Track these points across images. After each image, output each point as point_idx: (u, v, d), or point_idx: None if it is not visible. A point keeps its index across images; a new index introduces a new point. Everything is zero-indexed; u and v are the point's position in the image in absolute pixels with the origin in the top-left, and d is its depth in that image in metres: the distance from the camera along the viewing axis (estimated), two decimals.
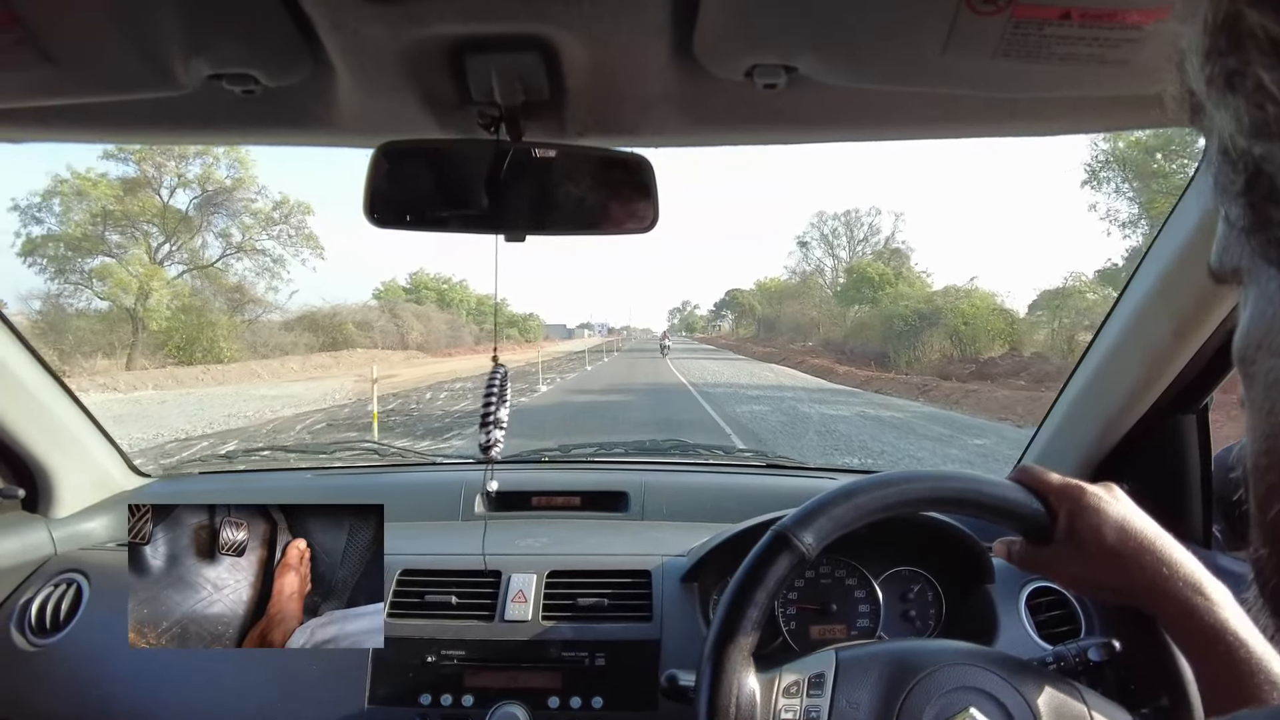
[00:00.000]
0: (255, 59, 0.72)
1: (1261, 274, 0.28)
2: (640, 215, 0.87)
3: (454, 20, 0.67)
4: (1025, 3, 0.59)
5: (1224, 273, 0.31)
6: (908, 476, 0.72)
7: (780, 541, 0.69)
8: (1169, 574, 0.63)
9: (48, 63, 0.66)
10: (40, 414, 1.27)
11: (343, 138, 0.90)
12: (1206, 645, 0.60)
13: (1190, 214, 1.00)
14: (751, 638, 0.69)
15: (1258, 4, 0.23)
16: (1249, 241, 0.27)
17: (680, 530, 1.35)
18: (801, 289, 50.47)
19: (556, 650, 1.08)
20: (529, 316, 69.28)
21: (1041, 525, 0.70)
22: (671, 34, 0.69)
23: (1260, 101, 0.23)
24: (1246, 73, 0.24)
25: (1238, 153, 0.25)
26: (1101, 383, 1.20)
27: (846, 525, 0.70)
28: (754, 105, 0.81)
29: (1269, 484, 0.29)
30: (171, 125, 0.88)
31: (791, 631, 1.17)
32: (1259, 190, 0.25)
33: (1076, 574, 0.70)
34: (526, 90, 0.76)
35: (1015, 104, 0.80)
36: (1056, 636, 1.12)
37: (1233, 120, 0.25)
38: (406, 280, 52.39)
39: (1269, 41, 0.23)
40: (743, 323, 74.99)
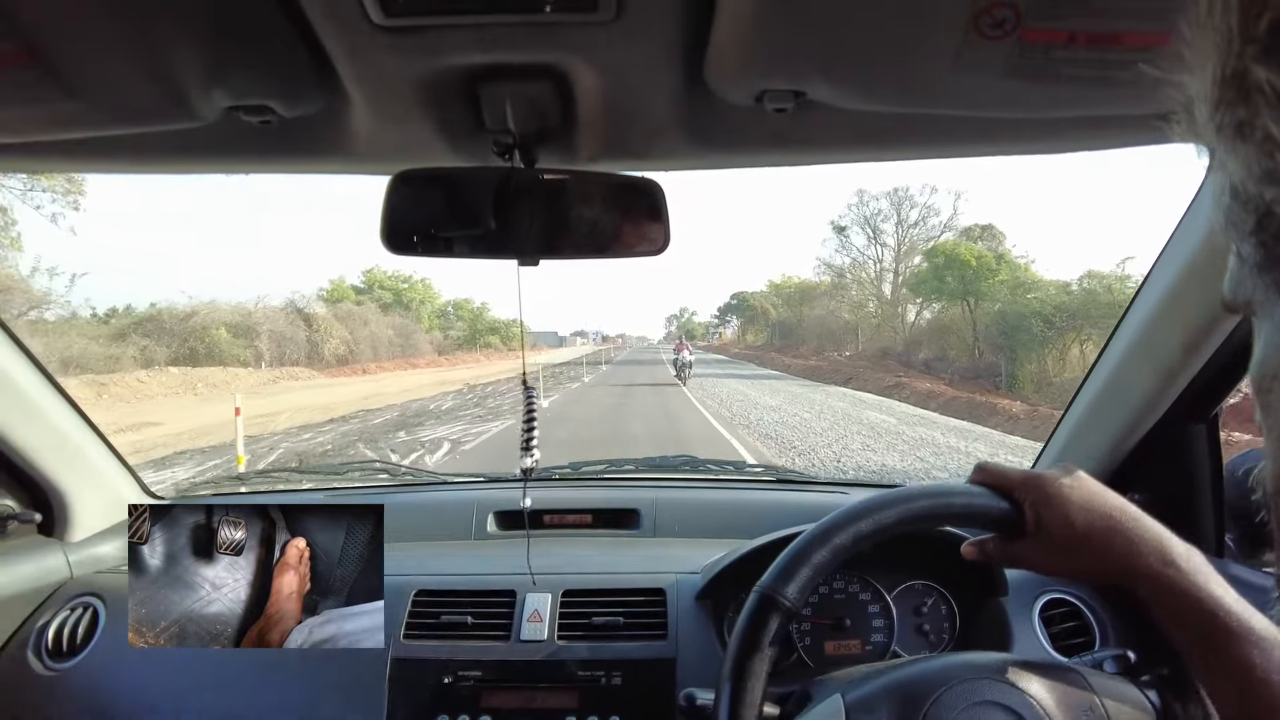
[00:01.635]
0: (272, 90, 0.73)
1: (1275, 307, 0.29)
2: (651, 238, 0.88)
3: (468, 50, 0.68)
4: (1032, 26, 0.60)
5: (1237, 305, 0.32)
6: (879, 503, 0.72)
7: (766, 603, 0.70)
8: (1138, 550, 0.64)
9: (70, 98, 0.67)
10: (55, 437, 1.27)
11: (359, 166, 0.92)
12: (1183, 614, 0.60)
13: (1196, 226, 1.00)
14: (760, 692, 0.69)
15: (1264, 60, 0.24)
16: (1261, 277, 0.28)
17: (693, 547, 1.35)
18: (836, 286, 42.66)
19: (573, 669, 1.08)
20: (513, 322, 60.49)
21: (1011, 522, 0.71)
22: (683, 62, 0.70)
23: (1270, 150, 0.24)
24: (1255, 124, 0.25)
25: (1248, 195, 0.27)
26: (1111, 394, 1.20)
27: (826, 568, 0.71)
28: (764, 129, 0.82)
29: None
30: (190, 155, 0.89)
31: (806, 648, 1.17)
32: (1269, 229, 0.26)
33: (1052, 564, 0.70)
34: (540, 118, 0.77)
35: (1023, 123, 0.81)
36: (1071, 648, 1.12)
37: (1243, 167, 0.26)
38: (361, 278, 46.67)
39: (1276, 95, 0.24)
40: (752, 328, 69.37)
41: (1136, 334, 1.13)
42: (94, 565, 1.33)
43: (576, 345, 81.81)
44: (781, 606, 0.69)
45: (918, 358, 25.53)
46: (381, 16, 0.61)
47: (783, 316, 55.69)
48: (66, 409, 1.30)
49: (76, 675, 1.15)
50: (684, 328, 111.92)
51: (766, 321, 61.30)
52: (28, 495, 1.30)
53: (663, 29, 0.65)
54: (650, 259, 0.91)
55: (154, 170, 0.94)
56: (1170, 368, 1.09)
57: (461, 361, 39.76)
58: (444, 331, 48.23)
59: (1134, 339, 1.13)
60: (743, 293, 75.68)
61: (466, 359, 42.61)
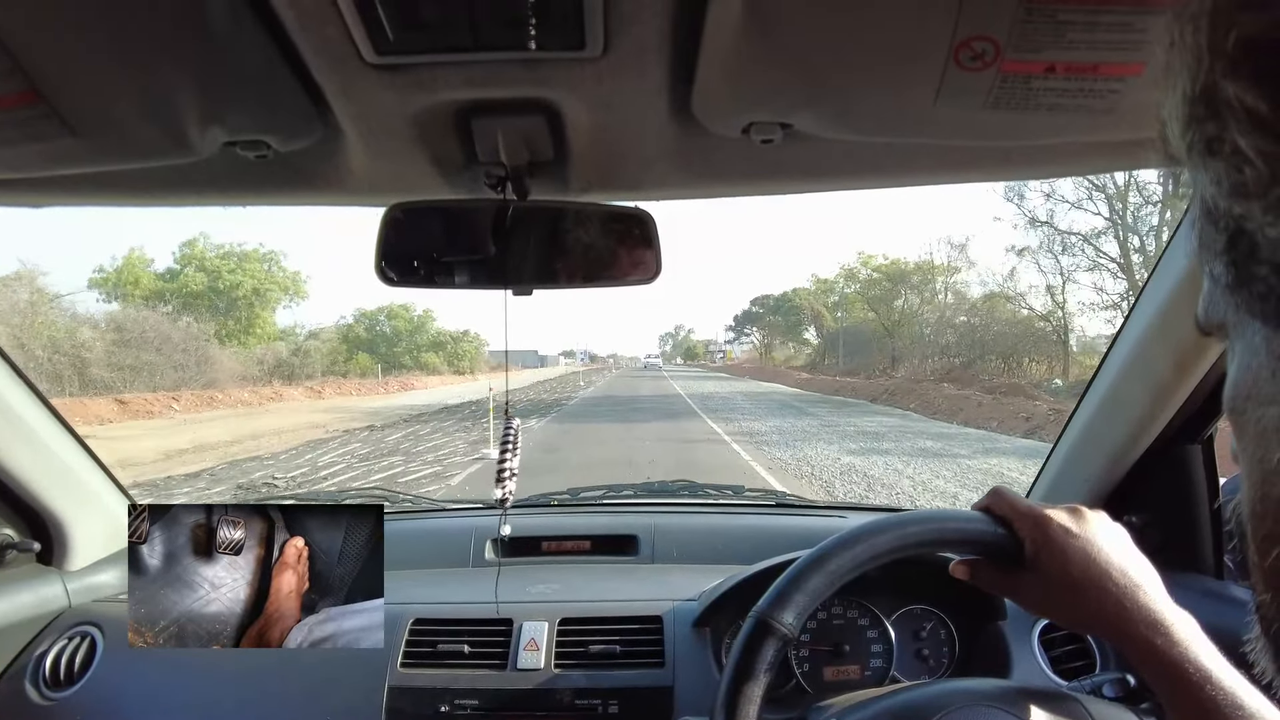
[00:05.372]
0: (268, 126, 0.75)
1: (1246, 328, 0.29)
2: (644, 266, 0.89)
3: (460, 86, 0.69)
4: (1011, 58, 0.61)
5: (1210, 326, 0.32)
6: (876, 528, 0.72)
7: (762, 629, 0.69)
8: (1129, 613, 0.62)
9: (70, 135, 0.68)
10: (54, 466, 1.28)
11: (353, 198, 0.93)
12: (1171, 682, 0.59)
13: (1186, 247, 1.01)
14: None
15: (1232, 76, 0.24)
16: (1233, 298, 0.29)
17: (691, 573, 1.35)
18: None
19: (569, 698, 1.08)
20: (463, 335, 47.88)
21: (1006, 552, 0.70)
22: (670, 96, 0.72)
23: (1238, 164, 0.25)
24: (1224, 138, 0.25)
25: (1219, 213, 0.27)
26: (1106, 416, 1.20)
27: (822, 594, 0.71)
28: (751, 160, 0.83)
29: (1265, 530, 0.30)
30: (187, 189, 0.91)
31: (805, 674, 1.16)
32: (1240, 248, 0.27)
33: (1040, 602, 0.69)
34: (531, 151, 0.78)
35: (1008, 151, 0.82)
36: (1071, 672, 1.11)
37: (1213, 183, 0.27)
38: (176, 256, 32.75)
39: (1244, 110, 0.24)
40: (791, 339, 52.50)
41: (1130, 355, 1.13)
42: (92, 594, 1.33)
43: (560, 365, 73.01)
44: (777, 632, 0.69)
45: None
46: (374, 55, 0.63)
47: (858, 322, 39.34)
48: (65, 436, 1.31)
49: (74, 704, 1.15)
50: (680, 346, 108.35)
51: (821, 330, 44.08)
52: (26, 524, 1.30)
53: (649, 65, 0.67)
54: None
55: (152, 203, 0.96)
56: (1164, 389, 1.09)
57: (342, 391, 28.44)
58: (296, 351, 33.04)
59: (1128, 360, 1.14)
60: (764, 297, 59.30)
61: (361, 387, 30.56)
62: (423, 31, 0.61)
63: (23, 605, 1.23)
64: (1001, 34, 0.58)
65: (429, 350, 43.98)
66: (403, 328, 43.95)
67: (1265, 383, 0.29)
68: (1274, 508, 0.29)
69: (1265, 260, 0.26)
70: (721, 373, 54.54)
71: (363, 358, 39.34)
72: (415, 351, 43.29)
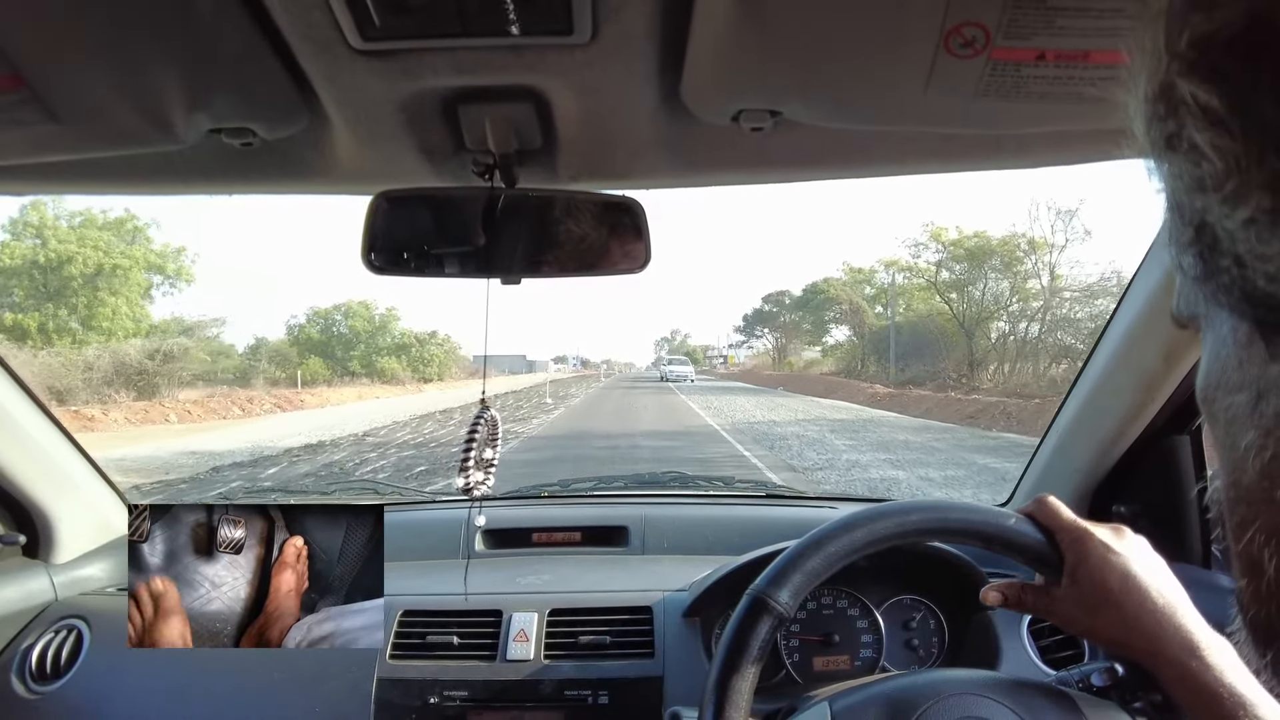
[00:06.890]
0: (253, 113, 0.74)
1: (1215, 318, 0.30)
2: (633, 256, 0.89)
3: (447, 73, 0.68)
4: (1002, 46, 0.61)
5: (1184, 319, 0.33)
6: (882, 512, 0.72)
7: (758, 606, 0.69)
8: (1166, 634, 0.62)
9: (51, 121, 0.67)
10: (40, 458, 1.27)
11: (340, 186, 0.92)
12: (1205, 707, 0.59)
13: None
14: (746, 702, 0.69)
15: (1187, 75, 0.25)
16: (1201, 289, 0.29)
17: (681, 564, 1.35)
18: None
19: (559, 689, 1.08)
20: (431, 337, 38.90)
21: (1049, 562, 0.70)
22: (659, 83, 0.71)
23: (1196, 160, 0.25)
24: (1182, 135, 0.26)
25: (1183, 207, 0.28)
26: (1095, 407, 1.21)
27: (820, 575, 0.71)
28: (741, 148, 0.83)
29: (1239, 516, 0.30)
30: (172, 178, 0.90)
31: (795, 664, 1.16)
32: (1205, 241, 0.27)
33: (1074, 619, 0.69)
34: (520, 138, 0.78)
35: (999, 139, 0.82)
36: (1060, 661, 1.12)
37: (1175, 178, 0.27)
38: (14, 218, 23.52)
39: (1199, 107, 0.25)
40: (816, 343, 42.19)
41: (1118, 346, 1.13)
42: (79, 587, 1.32)
43: (550, 371, 64.64)
44: (774, 610, 0.68)
45: None
46: (360, 41, 0.62)
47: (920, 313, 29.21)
48: (52, 430, 1.29)
49: (60, 698, 1.14)
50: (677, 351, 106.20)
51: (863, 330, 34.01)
52: (12, 517, 1.29)
53: (638, 51, 0.66)
54: (638, 277, 0.91)
55: (136, 192, 0.95)
56: (1153, 380, 1.09)
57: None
58: (156, 351, 21.95)
59: (1115, 351, 1.14)
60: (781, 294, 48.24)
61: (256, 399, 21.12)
62: (409, 17, 0.60)
63: (8, 598, 1.22)
64: (992, 20, 0.58)
65: (389, 355, 36.70)
66: (361, 328, 37.21)
67: (1233, 371, 0.29)
68: (1245, 493, 0.29)
69: (1226, 252, 0.26)
70: (735, 380, 44.91)
71: (314, 362, 33.78)
72: (370, 356, 36.43)
